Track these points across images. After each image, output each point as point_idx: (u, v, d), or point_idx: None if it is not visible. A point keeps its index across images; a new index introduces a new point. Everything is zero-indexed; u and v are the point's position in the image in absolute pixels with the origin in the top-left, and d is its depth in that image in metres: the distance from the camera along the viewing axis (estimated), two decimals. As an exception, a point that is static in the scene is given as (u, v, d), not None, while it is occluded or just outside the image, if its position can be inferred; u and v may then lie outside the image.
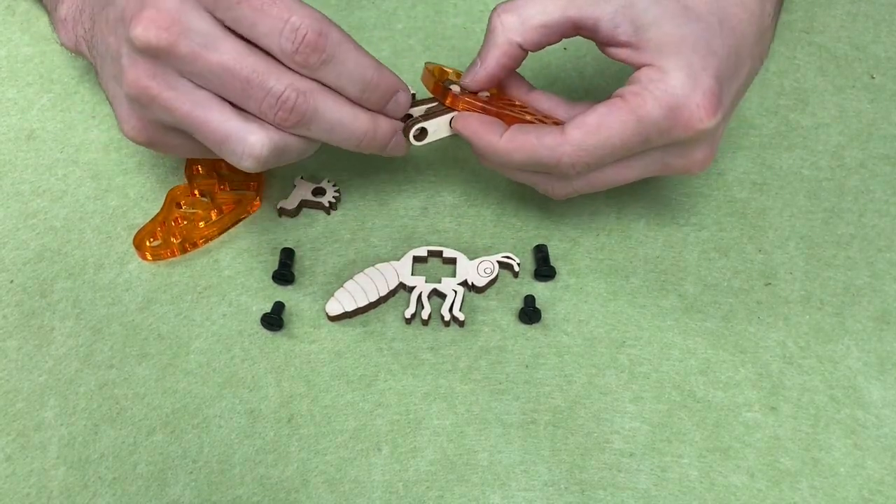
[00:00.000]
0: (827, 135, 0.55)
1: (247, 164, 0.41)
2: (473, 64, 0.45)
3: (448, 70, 0.49)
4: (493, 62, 0.44)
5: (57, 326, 0.47)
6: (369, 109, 0.43)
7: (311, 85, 0.41)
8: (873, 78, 0.57)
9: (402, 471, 0.43)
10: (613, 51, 0.43)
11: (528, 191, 0.52)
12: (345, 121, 0.42)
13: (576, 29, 0.43)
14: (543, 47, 0.44)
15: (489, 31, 0.44)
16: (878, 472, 0.43)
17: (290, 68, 0.40)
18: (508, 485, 0.43)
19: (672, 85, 0.41)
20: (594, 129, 0.42)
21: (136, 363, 0.46)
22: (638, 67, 0.42)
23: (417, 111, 0.46)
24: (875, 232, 0.51)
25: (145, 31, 0.39)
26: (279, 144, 0.41)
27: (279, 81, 0.40)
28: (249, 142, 0.41)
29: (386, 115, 0.44)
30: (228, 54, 0.40)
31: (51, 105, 0.55)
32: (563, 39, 0.44)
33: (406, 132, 0.45)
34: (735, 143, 0.54)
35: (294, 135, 0.42)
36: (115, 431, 0.44)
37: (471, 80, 0.45)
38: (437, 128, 0.46)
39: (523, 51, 0.44)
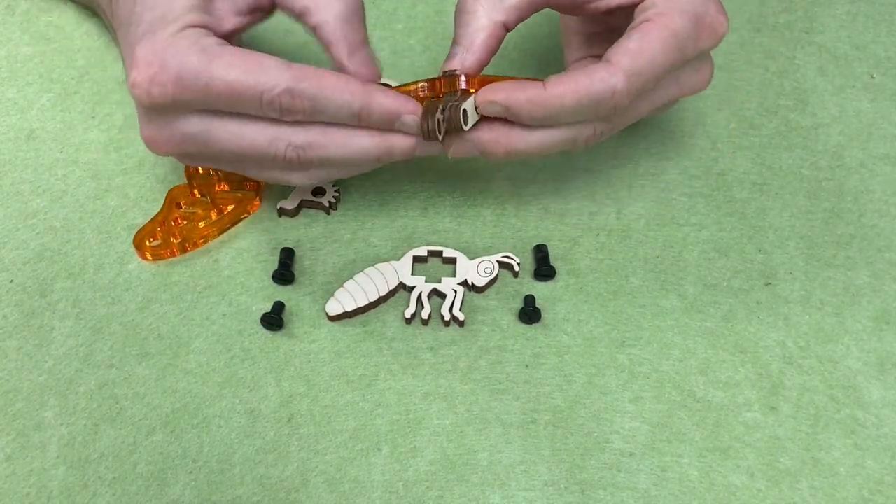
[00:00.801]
0: (827, 135, 0.55)
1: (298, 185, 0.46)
2: (455, 52, 0.44)
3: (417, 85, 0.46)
4: (480, 45, 0.43)
5: (57, 326, 0.47)
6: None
7: (310, 136, 0.42)
8: (873, 78, 0.57)
9: (402, 471, 0.43)
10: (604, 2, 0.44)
11: (529, 191, 0.52)
12: (354, 154, 0.43)
13: None
14: (522, 21, 0.44)
15: (468, 14, 0.44)
16: (878, 472, 0.43)
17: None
18: (508, 485, 0.43)
19: None
20: (638, 52, 0.41)
21: (136, 363, 0.46)
22: (628, 7, 0.43)
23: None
24: (875, 232, 0.51)
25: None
26: (315, 179, 0.45)
27: (277, 146, 0.42)
28: (292, 181, 0.45)
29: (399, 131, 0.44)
30: (228, 142, 0.42)
31: (51, 105, 0.55)
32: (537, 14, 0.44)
33: (431, 131, 0.42)
34: (735, 143, 0.54)
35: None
36: (114, 431, 0.44)
37: (461, 68, 0.44)
38: (470, 112, 0.43)
39: (506, 30, 0.44)
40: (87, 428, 0.44)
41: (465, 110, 0.42)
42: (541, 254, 0.49)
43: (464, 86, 0.43)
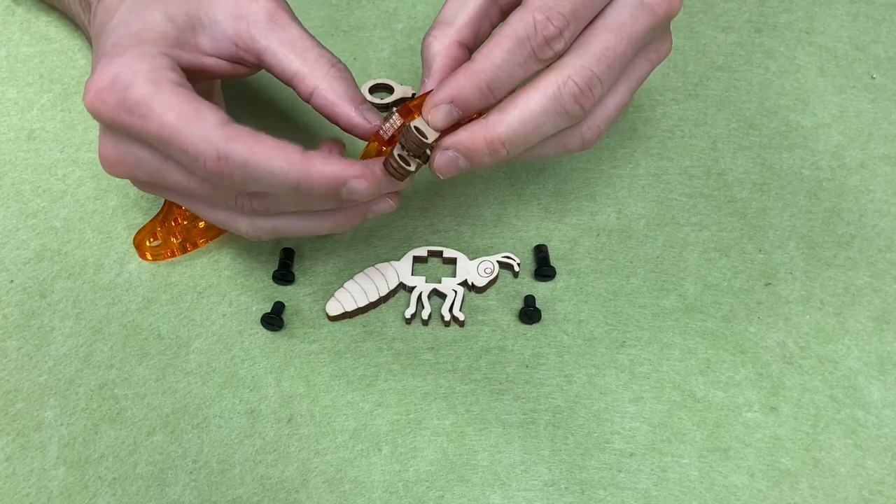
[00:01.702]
0: (827, 135, 0.55)
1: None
2: (423, 83, 0.43)
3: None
4: (439, 69, 0.42)
5: (57, 326, 0.47)
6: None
7: (260, 223, 0.42)
8: (873, 78, 0.57)
9: (402, 471, 0.43)
10: None
11: (529, 191, 0.52)
12: (310, 229, 0.43)
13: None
14: (481, 35, 0.44)
15: (426, 47, 0.43)
16: (879, 472, 0.43)
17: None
18: (508, 485, 0.43)
19: None
20: (612, 29, 0.40)
21: (136, 363, 0.46)
22: None
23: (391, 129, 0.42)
24: (875, 232, 0.51)
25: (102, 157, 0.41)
26: (266, 234, 0.43)
27: (239, 224, 0.42)
28: (241, 229, 0.43)
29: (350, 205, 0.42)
30: (176, 181, 0.41)
31: (51, 105, 0.55)
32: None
33: (398, 169, 0.40)
34: (735, 143, 0.54)
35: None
36: (115, 431, 0.44)
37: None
38: (425, 129, 0.40)
39: (465, 48, 0.43)
40: (88, 428, 0.44)
41: (417, 128, 0.39)
42: (541, 254, 0.49)
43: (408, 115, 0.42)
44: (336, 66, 0.42)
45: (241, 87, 0.54)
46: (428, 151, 0.40)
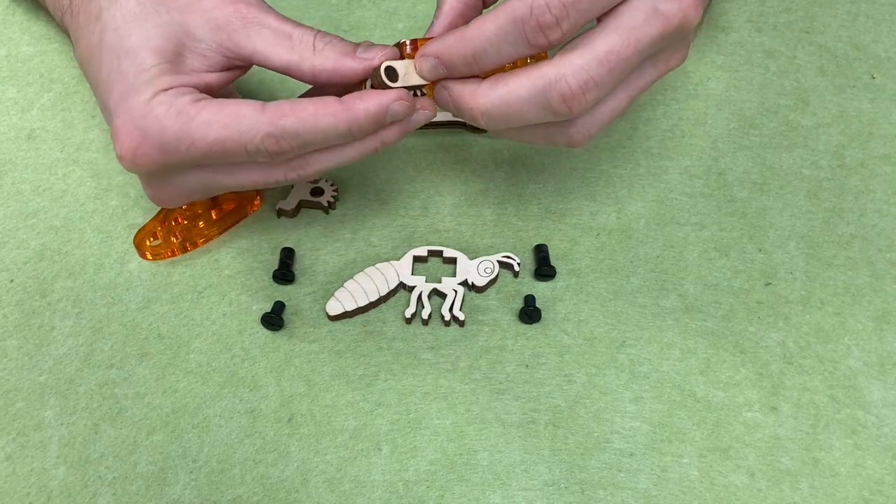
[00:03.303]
0: (827, 135, 0.55)
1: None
2: (430, 26, 0.43)
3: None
4: (446, 16, 0.42)
5: (57, 326, 0.47)
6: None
7: (305, 158, 0.42)
8: (874, 78, 0.57)
9: (402, 470, 0.43)
10: None
11: (529, 190, 0.52)
12: (352, 157, 0.43)
13: None
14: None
15: None
16: (879, 471, 0.43)
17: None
18: (508, 484, 0.43)
19: None
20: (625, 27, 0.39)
21: (137, 363, 0.46)
22: None
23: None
24: (875, 232, 0.51)
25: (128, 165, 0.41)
26: (314, 171, 0.43)
27: (275, 176, 0.43)
28: (280, 179, 0.43)
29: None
30: (228, 185, 0.43)
31: (51, 105, 0.55)
32: None
33: (377, 79, 0.42)
34: (735, 143, 0.54)
35: None
36: (115, 431, 0.44)
37: (430, 33, 0.43)
38: (407, 70, 0.42)
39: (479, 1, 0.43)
40: (88, 428, 0.44)
41: (389, 67, 0.41)
42: (541, 253, 0.49)
43: (408, 50, 0.42)
44: (318, 37, 0.42)
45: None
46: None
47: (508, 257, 0.48)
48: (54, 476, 0.43)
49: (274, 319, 0.46)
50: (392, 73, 0.41)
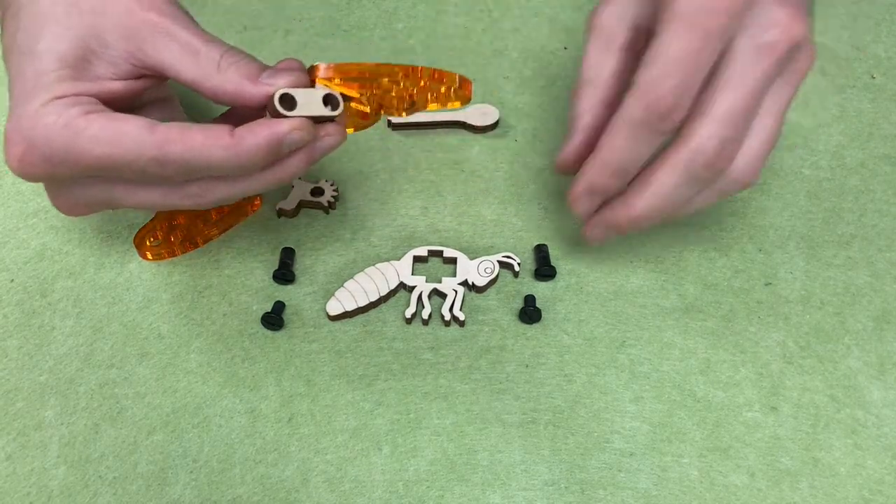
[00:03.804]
0: (827, 135, 0.55)
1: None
2: (569, 139, 0.44)
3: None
4: (583, 131, 0.44)
5: (57, 325, 0.47)
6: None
7: (201, 185, 0.41)
8: (874, 78, 0.57)
9: (402, 470, 0.43)
10: None
11: (529, 191, 0.52)
12: (257, 189, 0.41)
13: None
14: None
15: (570, 108, 0.44)
16: (879, 471, 0.43)
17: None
18: (509, 484, 0.43)
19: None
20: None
21: (137, 362, 0.46)
22: None
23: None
24: (875, 232, 0.51)
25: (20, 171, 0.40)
26: (215, 199, 0.42)
27: (173, 199, 0.41)
28: (178, 203, 0.42)
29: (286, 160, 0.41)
30: (128, 201, 0.41)
31: (51, 104, 0.55)
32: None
33: (271, 107, 0.39)
34: (735, 143, 0.54)
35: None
36: (115, 431, 0.44)
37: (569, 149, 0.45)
38: (310, 98, 0.40)
39: (608, 107, 0.43)
40: (88, 427, 0.44)
41: (286, 95, 0.39)
42: (541, 253, 0.49)
43: (321, 74, 0.40)
44: (226, 56, 0.40)
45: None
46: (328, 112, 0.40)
47: (508, 257, 0.48)
48: (54, 476, 0.43)
49: (274, 319, 0.46)
50: (289, 101, 0.39)
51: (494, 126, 0.54)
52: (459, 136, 0.54)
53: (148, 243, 0.49)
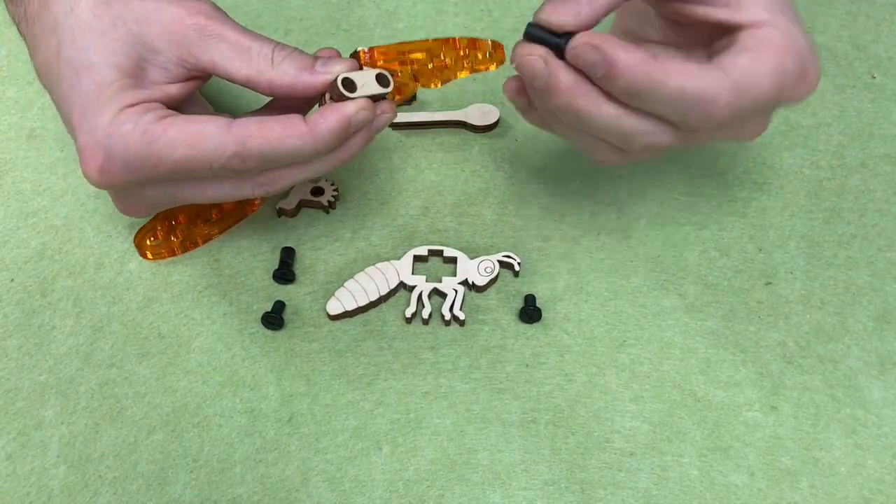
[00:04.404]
0: (828, 134, 0.55)
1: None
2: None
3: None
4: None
5: (57, 325, 0.47)
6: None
7: (272, 174, 0.42)
8: (874, 78, 0.57)
9: (402, 470, 0.43)
10: (705, 10, 0.40)
11: (529, 190, 0.52)
12: (322, 171, 0.43)
13: None
14: None
15: None
16: (879, 471, 0.43)
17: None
18: (509, 484, 0.43)
19: (800, 42, 0.40)
20: (750, 72, 0.39)
21: (137, 362, 0.46)
22: (732, 27, 0.40)
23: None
24: (876, 231, 0.51)
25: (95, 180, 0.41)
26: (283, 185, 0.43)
27: (242, 190, 0.43)
28: (248, 193, 0.43)
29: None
30: (194, 197, 0.43)
31: (51, 104, 0.54)
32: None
33: (335, 91, 0.41)
34: (735, 143, 0.54)
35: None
36: (115, 430, 0.44)
37: (572, 17, 0.39)
38: (365, 80, 0.42)
39: None
40: (88, 427, 0.44)
41: (347, 79, 0.41)
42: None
43: (366, 59, 0.44)
44: (277, 51, 0.42)
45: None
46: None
47: (508, 257, 0.48)
48: (55, 475, 0.43)
49: (274, 319, 0.46)
50: (350, 85, 0.41)
51: (495, 126, 0.54)
52: (459, 136, 0.54)
53: (148, 243, 0.49)
